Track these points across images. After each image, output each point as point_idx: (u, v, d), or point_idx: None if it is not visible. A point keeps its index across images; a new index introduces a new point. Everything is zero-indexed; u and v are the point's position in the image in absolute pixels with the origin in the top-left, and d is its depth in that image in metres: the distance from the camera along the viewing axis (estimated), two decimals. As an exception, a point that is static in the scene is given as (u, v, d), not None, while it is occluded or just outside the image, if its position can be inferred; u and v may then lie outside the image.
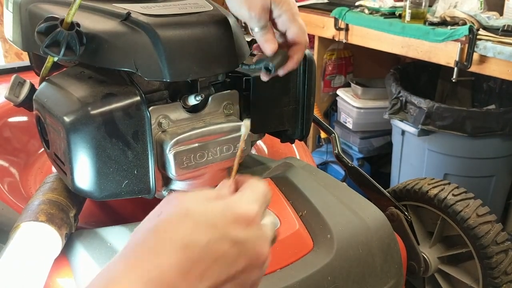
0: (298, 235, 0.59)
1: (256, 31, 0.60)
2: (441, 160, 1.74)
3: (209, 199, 0.38)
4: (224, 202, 0.38)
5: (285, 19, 0.60)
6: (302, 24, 0.62)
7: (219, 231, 0.35)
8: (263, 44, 0.61)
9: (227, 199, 0.38)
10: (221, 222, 0.36)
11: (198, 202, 0.37)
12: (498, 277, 0.78)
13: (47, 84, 0.61)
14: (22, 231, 0.56)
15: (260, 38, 0.61)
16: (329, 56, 2.24)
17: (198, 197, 0.38)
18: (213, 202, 0.37)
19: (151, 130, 0.60)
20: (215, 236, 0.35)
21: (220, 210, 0.36)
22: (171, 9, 0.63)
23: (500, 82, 1.90)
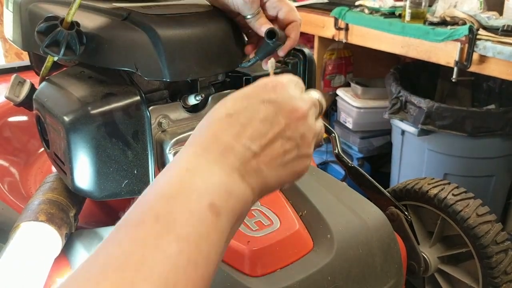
0: (298, 235, 0.59)
1: (249, 17, 0.62)
2: (441, 160, 1.74)
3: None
4: (255, 82, 0.44)
5: (274, 1, 0.62)
6: (291, 3, 0.63)
7: (253, 98, 0.42)
8: (259, 28, 0.62)
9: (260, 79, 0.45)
10: (253, 92, 0.43)
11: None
12: (498, 276, 0.78)
13: (47, 84, 0.61)
14: (22, 231, 0.56)
15: (255, 23, 0.62)
16: (329, 56, 2.24)
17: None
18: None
19: (151, 130, 0.60)
20: (251, 102, 0.42)
21: (251, 87, 0.43)
22: (171, 9, 0.63)
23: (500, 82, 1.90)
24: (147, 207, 0.34)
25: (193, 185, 0.35)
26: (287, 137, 0.42)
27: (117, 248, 0.31)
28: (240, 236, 0.57)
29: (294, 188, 0.67)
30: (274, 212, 0.62)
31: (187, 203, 0.34)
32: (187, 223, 0.33)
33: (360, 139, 2.17)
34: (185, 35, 0.58)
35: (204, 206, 0.34)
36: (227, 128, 0.40)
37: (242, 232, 0.58)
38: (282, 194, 0.66)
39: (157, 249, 0.31)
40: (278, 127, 0.42)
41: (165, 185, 0.35)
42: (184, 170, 0.36)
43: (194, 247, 0.32)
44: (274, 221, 0.61)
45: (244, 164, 0.39)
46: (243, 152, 0.39)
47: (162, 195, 0.34)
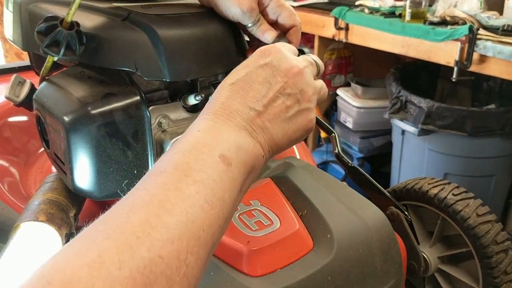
0: (298, 235, 0.59)
1: (250, 26, 0.61)
2: (441, 160, 1.74)
3: None
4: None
5: (274, 6, 0.61)
6: (290, 6, 0.63)
7: (251, 64, 0.48)
8: (262, 35, 0.61)
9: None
10: (251, 60, 0.48)
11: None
12: (498, 276, 0.78)
13: (47, 84, 0.61)
14: (22, 231, 0.56)
15: (257, 31, 0.61)
16: (329, 55, 2.24)
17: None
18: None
19: (151, 130, 0.60)
20: (249, 69, 0.47)
21: (249, 57, 0.49)
22: (171, 9, 0.63)
23: (500, 81, 1.90)
24: (167, 160, 0.39)
25: (204, 141, 0.40)
26: (287, 94, 0.47)
27: (143, 191, 0.36)
28: (240, 236, 0.58)
29: (294, 188, 0.67)
30: (274, 212, 0.62)
31: (200, 155, 0.39)
32: (201, 170, 0.38)
33: (360, 139, 2.17)
34: (185, 35, 0.58)
35: (215, 157, 0.39)
36: (231, 95, 0.45)
37: (242, 232, 0.58)
38: (282, 194, 0.66)
39: (178, 190, 0.36)
40: (277, 86, 0.47)
41: (182, 144, 0.41)
42: (196, 131, 0.42)
43: (210, 190, 0.37)
44: (274, 221, 0.61)
45: (250, 123, 0.44)
46: (247, 113, 0.44)
47: (179, 151, 0.40)
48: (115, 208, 0.35)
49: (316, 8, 2.11)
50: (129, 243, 0.31)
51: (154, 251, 0.32)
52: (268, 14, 0.62)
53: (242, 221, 0.60)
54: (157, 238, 0.32)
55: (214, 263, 0.55)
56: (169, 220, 0.34)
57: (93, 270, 0.29)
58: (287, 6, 0.62)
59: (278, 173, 0.70)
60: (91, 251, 0.31)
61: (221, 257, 0.56)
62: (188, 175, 0.37)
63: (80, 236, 0.34)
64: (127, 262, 0.30)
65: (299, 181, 0.68)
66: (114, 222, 0.33)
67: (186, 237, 0.34)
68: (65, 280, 0.29)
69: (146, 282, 0.30)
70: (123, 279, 0.30)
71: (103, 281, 0.29)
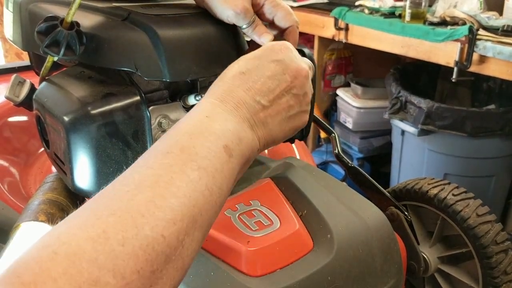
0: (298, 235, 0.59)
1: (245, 28, 0.60)
2: (441, 160, 1.74)
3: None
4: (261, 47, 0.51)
5: (269, 6, 0.60)
6: (286, 6, 0.61)
7: (263, 58, 0.49)
8: (258, 39, 0.60)
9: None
10: (263, 53, 0.49)
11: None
12: (498, 276, 0.78)
13: (47, 84, 0.61)
14: (22, 231, 0.56)
15: (252, 34, 0.60)
16: (329, 56, 2.24)
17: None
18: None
19: (151, 130, 0.60)
20: (261, 62, 0.48)
21: (260, 49, 0.50)
22: (171, 9, 0.63)
23: (500, 82, 1.90)
24: (174, 141, 0.40)
25: (211, 128, 0.42)
26: (293, 94, 0.49)
27: (149, 170, 0.37)
28: (240, 236, 0.58)
29: (294, 188, 0.67)
30: (274, 212, 0.62)
31: (206, 142, 0.40)
32: (206, 157, 0.39)
33: (360, 139, 2.17)
34: (185, 35, 0.58)
35: (220, 147, 0.41)
36: (240, 84, 0.46)
37: (242, 232, 0.58)
38: (282, 194, 0.66)
39: (183, 173, 0.37)
40: (284, 84, 0.48)
41: (188, 126, 0.42)
42: (204, 116, 0.43)
43: (211, 177, 0.39)
44: (274, 221, 0.61)
45: (254, 115, 0.46)
46: (253, 105, 0.46)
47: (185, 132, 0.41)
48: (120, 182, 0.37)
49: (316, 8, 2.11)
50: (134, 221, 0.33)
51: (157, 230, 0.33)
52: (264, 14, 0.61)
53: (242, 221, 0.60)
54: (161, 218, 0.34)
55: (214, 263, 0.55)
56: (173, 202, 0.35)
57: (98, 244, 0.31)
58: (283, 6, 0.61)
59: (278, 173, 0.70)
60: (97, 226, 0.32)
61: (221, 257, 0.56)
62: (193, 159, 0.39)
63: (84, 208, 0.35)
64: (130, 239, 0.32)
65: (299, 181, 0.68)
66: (120, 199, 0.34)
67: (186, 219, 0.35)
68: (70, 252, 0.30)
69: (147, 259, 0.32)
70: (125, 255, 0.31)
71: (106, 256, 0.30)
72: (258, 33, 0.60)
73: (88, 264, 0.30)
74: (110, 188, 0.36)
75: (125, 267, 0.31)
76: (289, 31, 0.62)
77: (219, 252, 0.56)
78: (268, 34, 0.60)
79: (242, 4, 0.57)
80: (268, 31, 0.60)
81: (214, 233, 0.58)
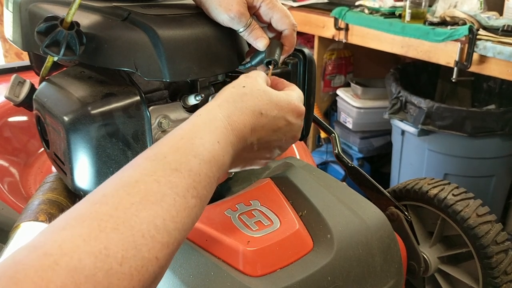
0: (298, 235, 0.59)
1: (242, 31, 0.59)
2: (441, 160, 1.74)
3: (267, 80, 0.56)
4: (286, 93, 0.54)
5: (265, 9, 0.59)
6: (283, 8, 0.61)
7: (283, 112, 0.52)
8: (254, 42, 0.60)
9: (287, 91, 0.55)
10: (286, 107, 0.52)
11: (264, 81, 0.54)
12: (498, 277, 0.78)
13: (47, 84, 0.61)
14: (22, 231, 0.56)
15: (249, 37, 0.60)
16: (329, 56, 2.24)
17: (263, 77, 0.55)
18: (278, 92, 0.54)
19: (151, 130, 0.60)
20: (280, 114, 0.52)
21: (286, 99, 0.53)
22: (171, 9, 0.63)
23: (500, 82, 1.90)
24: (185, 157, 0.42)
25: (218, 158, 0.44)
26: (273, 151, 0.55)
27: (156, 184, 0.38)
28: (240, 236, 0.58)
29: (294, 188, 0.67)
30: (274, 212, 0.62)
31: (210, 172, 0.43)
32: (205, 187, 0.42)
33: (360, 139, 2.17)
34: (185, 35, 0.58)
35: (216, 178, 0.44)
36: (253, 123, 0.49)
37: (242, 232, 0.58)
38: (282, 194, 0.66)
39: (184, 199, 0.39)
40: (277, 142, 0.54)
41: (200, 148, 0.43)
42: (216, 142, 0.45)
43: (202, 206, 0.42)
44: (274, 221, 0.61)
45: (243, 153, 0.50)
46: (249, 145, 0.50)
47: (197, 155, 0.42)
48: (126, 189, 0.37)
49: (316, 8, 2.12)
50: (134, 241, 0.34)
51: (153, 252, 0.35)
52: (260, 16, 0.60)
53: (242, 221, 0.60)
54: (159, 241, 0.35)
55: (214, 263, 0.55)
56: (171, 226, 0.37)
57: (98, 261, 0.31)
58: (280, 8, 0.60)
59: (278, 173, 0.70)
60: (99, 241, 0.32)
61: (221, 257, 0.56)
62: (196, 187, 0.41)
63: (88, 213, 0.35)
64: (128, 259, 0.33)
65: (299, 181, 0.68)
66: (124, 212, 0.35)
67: (176, 243, 0.38)
68: (71, 266, 0.30)
69: (140, 280, 0.33)
70: (121, 274, 0.32)
71: (104, 274, 0.31)
72: (253, 36, 0.59)
73: (85, 280, 0.30)
74: (115, 193, 0.37)
75: (119, 286, 0.32)
76: (285, 34, 0.61)
77: (219, 252, 0.56)
78: (263, 39, 0.60)
79: (236, 8, 0.57)
80: (264, 35, 0.60)
81: (214, 233, 0.58)
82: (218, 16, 0.59)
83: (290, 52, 0.62)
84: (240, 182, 0.74)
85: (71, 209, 0.36)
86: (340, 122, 2.25)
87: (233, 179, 0.75)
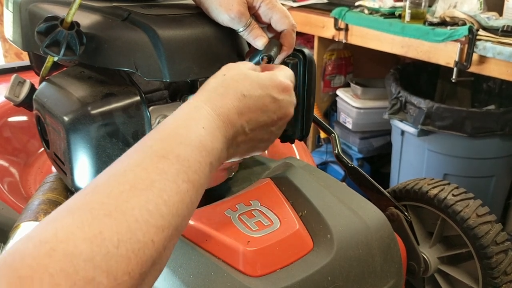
0: (298, 235, 0.59)
1: (242, 31, 0.60)
2: (441, 160, 1.74)
3: (256, 69, 0.54)
4: (269, 72, 0.53)
5: (265, 9, 0.60)
6: (283, 8, 0.61)
7: (267, 90, 0.51)
8: (253, 41, 0.60)
9: (271, 71, 0.54)
10: (269, 84, 0.51)
11: (251, 69, 0.53)
12: (498, 277, 0.78)
13: (47, 84, 0.61)
14: (22, 231, 0.56)
15: (248, 36, 0.60)
16: (329, 56, 2.24)
17: (249, 66, 0.54)
18: (261, 72, 0.53)
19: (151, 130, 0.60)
20: (264, 93, 0.51)
21: (268, 77, 0.52)
22: (171, 9, 0.63)
23: (500, 82, 1.90)
24: (170, 147, 0.42)
25: (205, 144, 0.44)
26: (271, 130, 0.53)
27: (144, 172, 0.39)
28: (240, 236, 0.58)
29: (294, 188, 0.67)
30: (274, 212, 0.62)
31: (199, 157, 0.43)
32: (196, 172, 0.42)
33: (360, 140, 2.17)
34: (185, 35, 0.58)
35: (207, 163, 0.44)
36: (238, 106, 0.49)
37: (242, 232, 0.58)
38: (282, 194, 0.66)
39: (175, 184, 0.39)
40: (269, 121, 0.52)
41: (186, 132, 0.44)
42: (201, 128, 0.45)
43: (195, 190, 0.42)
44: (274, 221, 0.61)
45: (235, 138, 0.50)
46: (239, 129, 0.49)
47: (182, 142, 0.42)
48: (115, 179, 0.37)
49: (315, 8, 2.11)
50: (128, 225, 0.34)
51: (148, 236, 0.35)
52: (260, 16, 0.61)
53: (242, 221, 0.60)
54: (153, 225, 0.36)
55: (214, 263, 0.55)
56: (164, 210, 0.37)
57: (94, 245, 0.32)
58: (279, 8, 0.60)
59: (278, 173, 0.70)
60: (93, 227, 0.33)
61: (221, 257, 0.56)
62: (185, 171, 0.41)
63: (79, 203, 0.35)
64: (124, 242, 0.33)
65: (299, 181, 0.68)
66: (115, 199, 0.35)
67: (171, 227, 0.38)
68: (68, 251, 0.31)
69: (138, 262, 0.34)
70: (119, 257, 0.33)
71: (101, 257, 0.31)
72: (253, 36, 0.60)
73: (84, 263, 0.30)
74: (105, 183, 0.37)
75: (118, 269, 0.32)
76: (284, 35, 0.61)
77: (219, 252, 0.56)
78: (262, 37, 0.60)
79: (237, 8, 0.57)
80: (263, 34, 0.60)
81: (214, 233, 0.58)
82: (219, 16, 0.59)
83: (290, 52, 0.63)
84: (240, 182, 0.74)
85: (64, 203, 0.36)
86: (340, 122, 2.25)
87: (233, 179, 0.75)
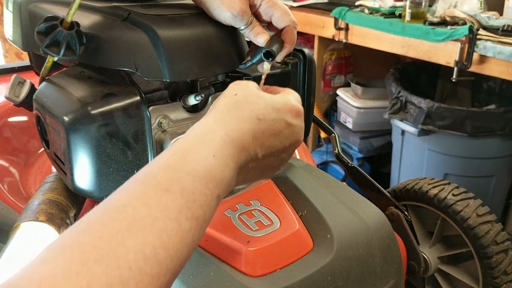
0: (298, 235, 0.59)
1: (243, 29, 0.60)
2: (441, 160, 1.74)
3: (259, 89, 0.51)
4: (282, 96, 0.51)
5: (266, 7, 0.59)
6: (283, 6, 0.61)
7: (281, 114, 0.49)
8: (255, 39, 0.60)
9: (282, 94, 0.52)
10: (283, 108, 0.49)
11: (261, 91, 0.51)
12: (498, 277, 0.78)
13: (47, 84, 0.61)
14: (22, 231, 0.56)
15: (250, 34, 0.60)
16: (329, 56, 2.24)
17: (256, 85, 0.52)
18: (273, 95, 0.51)
19: (151, 130, 0.60)
20: (278, 117, 0.49)
21: (283, 101, 0.50)
22: (171, 9, 0.63)
23: (500, 82, 1.90)
24: (176, 177, 0.38)
25: (214, 173, 0.41)
26: (281, 157, 0.51)
27: (145, 208, 0.35)
28: (240, 236, 0.58)
29: (294, 188, 0.67)
30: (274, 212, 0.62)
31: (206, 189, 0.40)
32: (201, 206, 0.39)
33: (360, 139, 2.17)
34: (185, 35, 0.58)
35: (215, 196, 0.41)
36: (253, 130, 0.46)
37: (242, 232, 0.58)
38: (282, 194, 0.66)
39: (176, 222, 0.36)
40: (281, 147, 0.50)
41: (194, 160, 0.41)
42: (211, 156, 0.42)
43: (199, 227, 0.39)
44: (274, 221, 0.61)
45: (247, 163, 0.46)
46: (251, 154, 0.47)
47: (189, 172, 0.39)
48: (112, 215, 0.34)
49: (316, 8, 2.11)
50: (120, 275, 0.31)
51: (141, 286, 0.32)
52: (260, 15, 0.61)
53: (242, 221, 0.60)
54: (148, 273, 0.32)
55: (214, 263, 0.55)
56: (161, 254, 0.34)
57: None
58: (280, 6, 0.60)
59: (278, 173, 0.70)
60: (81, 276, 0.30)
61: (221, 257, 0.56)
62: (189, 207, 0.38)
63: (72, 242, 0.32)
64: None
65: (299, 181, 0.68)
66: (109, 241, 0.32)
67: (169, 274, 0.35)
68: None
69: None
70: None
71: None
72: (254, 33, 0.60)
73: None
74: (100, 219, 0.34)
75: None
76: (285, 31, 0.61)
77: (219, 252, 0.56)
78: (264, 34, 0.60)
79: (239, 6, 0.57)
80: (265, 31, 0.60)
81: (214, 233, 0.58)
82: (220, 15, 0.59)
83: (291, 49, 0.62)
84: (240, 182, 0.74)
85: (57, 239, 0.34)
86: (340, 122, 2.25)
87: (233, 179, 0.75)
